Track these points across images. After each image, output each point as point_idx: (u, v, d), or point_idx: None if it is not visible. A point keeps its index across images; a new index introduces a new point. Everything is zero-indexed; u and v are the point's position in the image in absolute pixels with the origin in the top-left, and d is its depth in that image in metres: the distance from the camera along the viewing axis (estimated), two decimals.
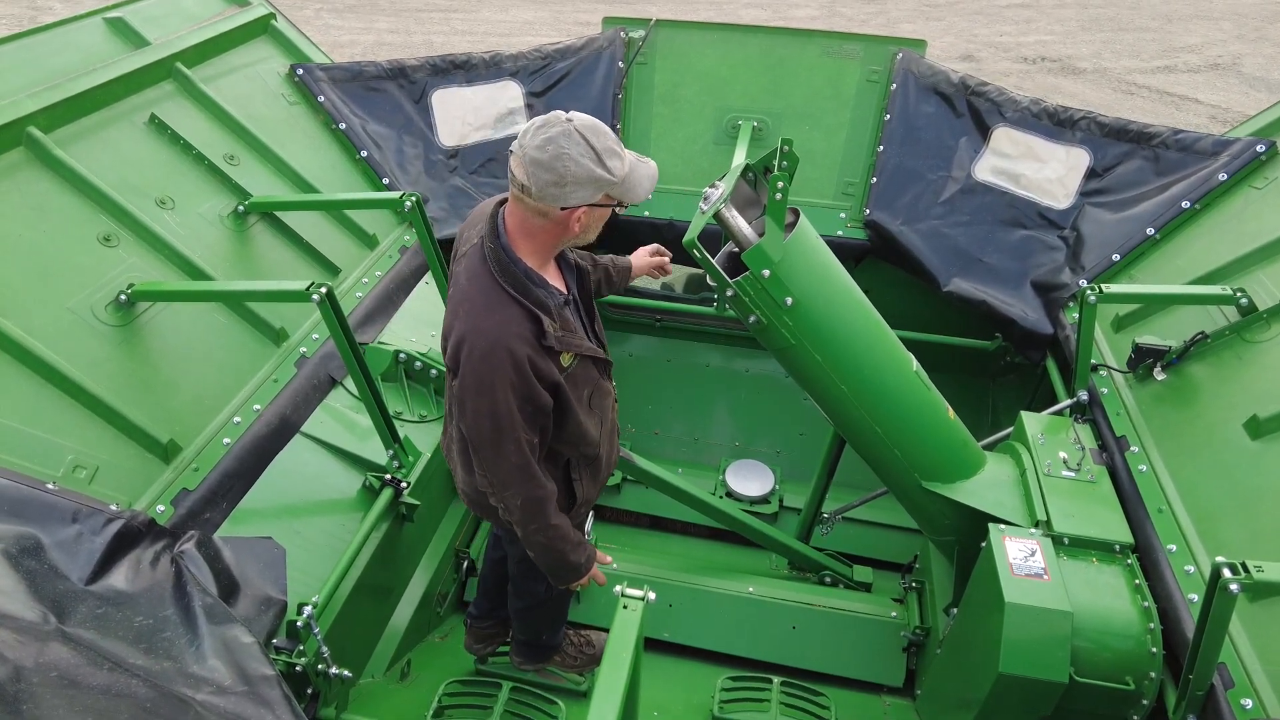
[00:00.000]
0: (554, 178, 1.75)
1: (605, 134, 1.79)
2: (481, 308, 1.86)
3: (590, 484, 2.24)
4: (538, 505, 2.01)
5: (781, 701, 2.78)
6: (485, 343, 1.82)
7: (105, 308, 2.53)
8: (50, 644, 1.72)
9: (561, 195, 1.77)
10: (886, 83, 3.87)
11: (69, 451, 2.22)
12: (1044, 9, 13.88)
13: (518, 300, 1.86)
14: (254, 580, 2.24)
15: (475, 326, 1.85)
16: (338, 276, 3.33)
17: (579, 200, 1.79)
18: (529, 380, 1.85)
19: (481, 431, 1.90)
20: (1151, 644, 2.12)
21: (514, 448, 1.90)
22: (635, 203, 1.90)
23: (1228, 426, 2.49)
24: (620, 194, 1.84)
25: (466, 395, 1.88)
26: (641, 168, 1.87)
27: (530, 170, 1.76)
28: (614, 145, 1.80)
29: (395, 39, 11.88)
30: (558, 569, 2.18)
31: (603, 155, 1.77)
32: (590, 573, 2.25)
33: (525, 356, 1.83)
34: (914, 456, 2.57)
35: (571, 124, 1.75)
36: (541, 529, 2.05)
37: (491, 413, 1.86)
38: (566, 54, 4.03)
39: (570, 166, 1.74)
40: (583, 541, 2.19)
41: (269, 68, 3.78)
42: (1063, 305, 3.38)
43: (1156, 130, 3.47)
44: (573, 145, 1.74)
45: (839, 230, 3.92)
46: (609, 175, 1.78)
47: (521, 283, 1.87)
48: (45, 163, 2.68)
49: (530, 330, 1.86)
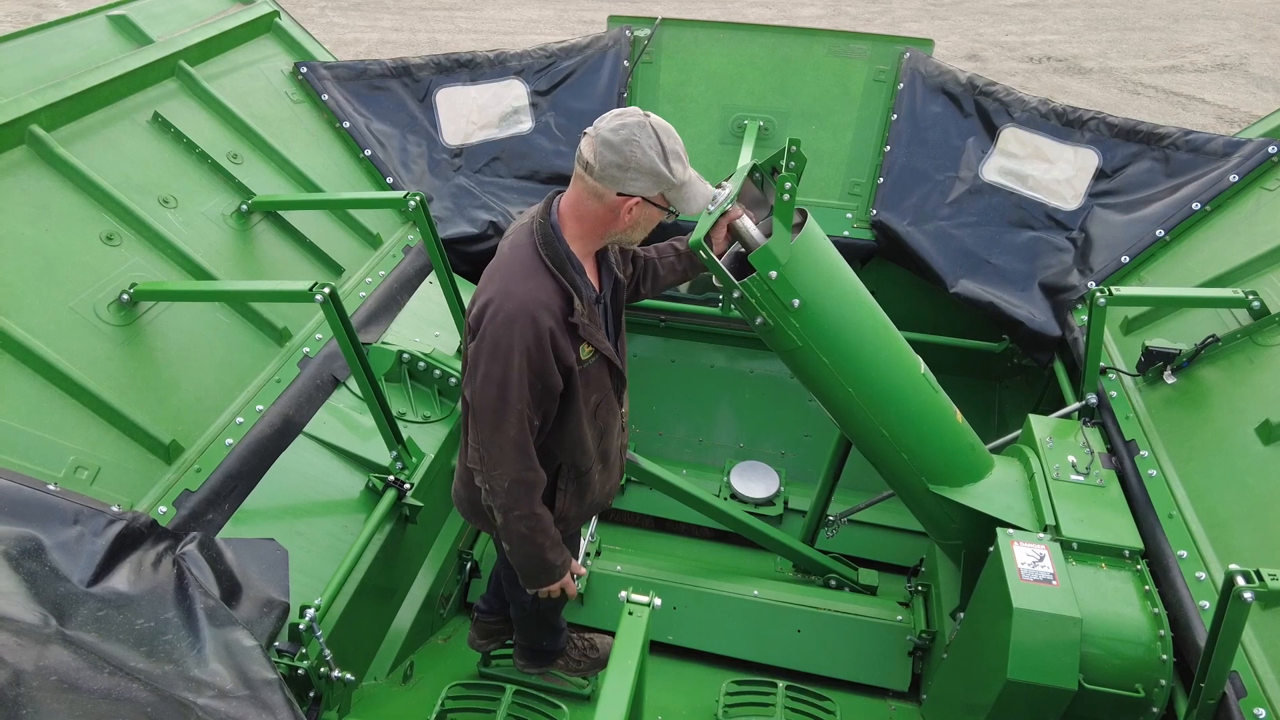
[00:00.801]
0: (619, 159, 1.80)
1: (677, 139, 1.86)
2: (518, 274, 1.87)
3: (574, 501, 2.19)
4: (525, 489, 1.98)
5: (786, 706, 2.77)
6: (513, 305, 1.83)
7: (107, 307, 2.52)
8: (51, 647, 1.70)
9: (622, 179, 1.82)
10: (893, 82, 3.85)
11: (70, 452, 2.21)
12: (1050, 8, 13.83)
13: (554, 274, 1.88)
14: (256, 582, 2.22)
15: (506, 290, 1.86)
16: (341, 276, 3.32)
17: (636, 190, 1.83)
18: (546, 354, 1.85)
19: (487, 398, 1.88)
20: (1162, 651, 2.10)
21: (515, 421, 1.89)
22: (686, 214, 1.94)
23: (1239, 431, 2.46)
24: (675, 199, 1.90)
25: (481, 357, 1.87)
26: (700, 185, 1.93)
27: (599, 149, 1.81)
28: (681, 152, 1.87)
29: (399, 37, 11.87)
30: (532, 566, 2.13)
31: (669, 156, 1.82)
32: (562, 580, 2.20)
33: (548, 328, 1.84)
34: (921, 460, 2.54)
35: (649, 120, 1.83)
36: (524, 516, 2.01)
37: (502, 379, 1.85)
38: (572, 52, 4.02)
39: (637, 154, 1.79)
40: (560, 542, 2.15)
41: (273, 66, 3.76)
42: (1071, 307, 3.35)
43: (1166, 131, 3.44)
44: (644, 136, 1.80)
45: (845, 231, 3.90)
46: (670, 174, 1.83)
47: (561, 260, 1.89)
48: (48, 161, 2.66)
49: (560, 305, 1.87)
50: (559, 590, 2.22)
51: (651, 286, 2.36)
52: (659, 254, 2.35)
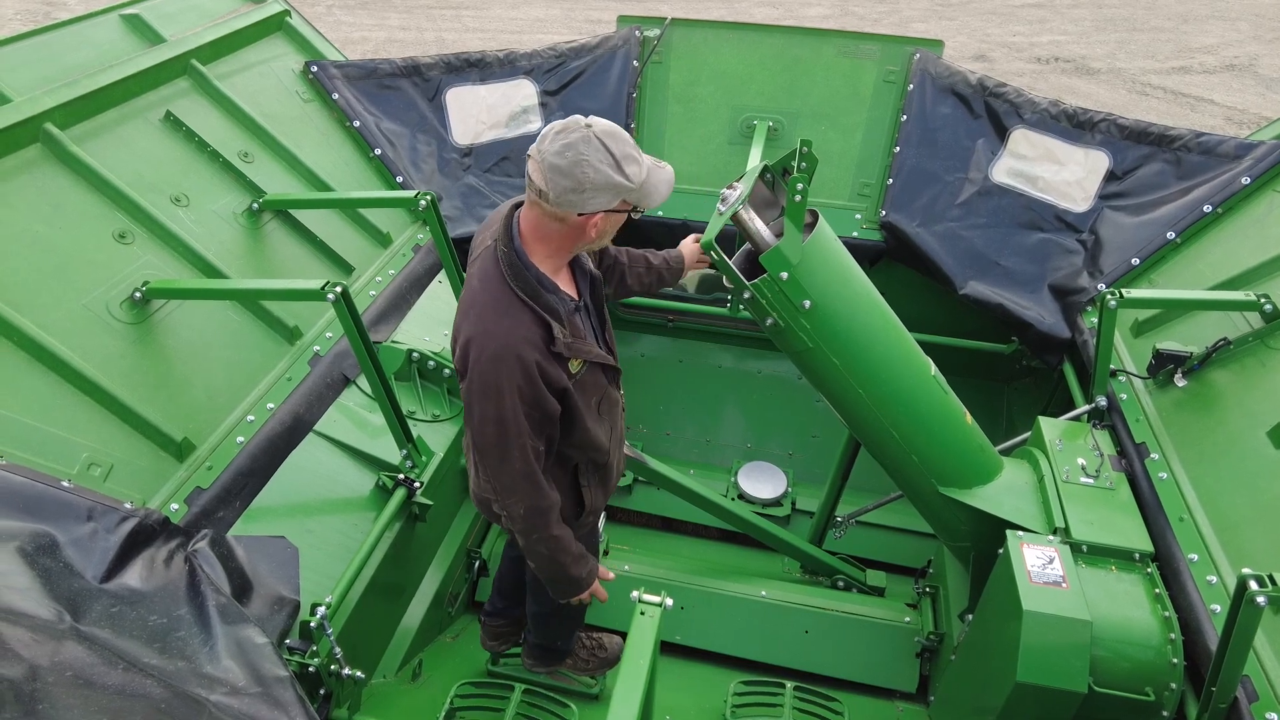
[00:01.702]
0: (572, 184, 1.73)
1: (624, 140, 1.78)
2: (491, 311, 1.84)
3: (599, 491, 2.22)
4: (540, 515, 2.00)
5: (794, 706, 2.77)
6: (494, 346, 1.81)
7: (120, 305, 2.53)
8: (65, 643, 1.72)
9: (580, 201, 1.75)
10: (903, 83, 3.85)
11: (84, 449, 2.22)
12: (1058, 9, 13.79)
13: (528, 305, 1.84)
14: (267, 580, 2.23)
15: (484, 330, 1.83)
16: (351, 275, 3.33)
17: (597, 206, 1.77)
18: (537, 386, 1.83)
19: (487, 437, 1.89)
20: (1172, 655, 2.09)
21: (519, 454, 1.89)
22: (652, 207, 1.88)
23: (1251, 435, 2.45)
24: (637, 199, 1.82)
25: (473, 399, 1.87)
26: (658, 173, 1.85)
27: (548, 176, 1.74)
28: (633, 151, 1.78)
29: (407, 35, 11.89)
30: (558, 581, 2.16)
31: (622, 162, 1.75)
32: (591, 588, 2.22)
33: (534, 362, 1.82)
34: (931, 461, 2.54)
35: (591, 130, 1.74)
36: (543, 539, 2.04)
37: (498, 418, 1.84)
38: (581, 52, 4.02)
39: (589, 173, 1.72)
40: (584, 555, 2.17)
41: (283, 65, 3.77)
42: (1081, 309, 3.35)
43: (1178, 133, 3.43)
44: (592, 151, 1.72)
45: (854, 231, 3.90)
46: (627, 182, 1.76)
47: (533, 287, 1.85)
48: (61, 159, 2.68)
49: (540, 336, 1.84)
50: (589, 597, 2.25)
51: (615, 290, 2.32)
52: (630, 260, 2.31)
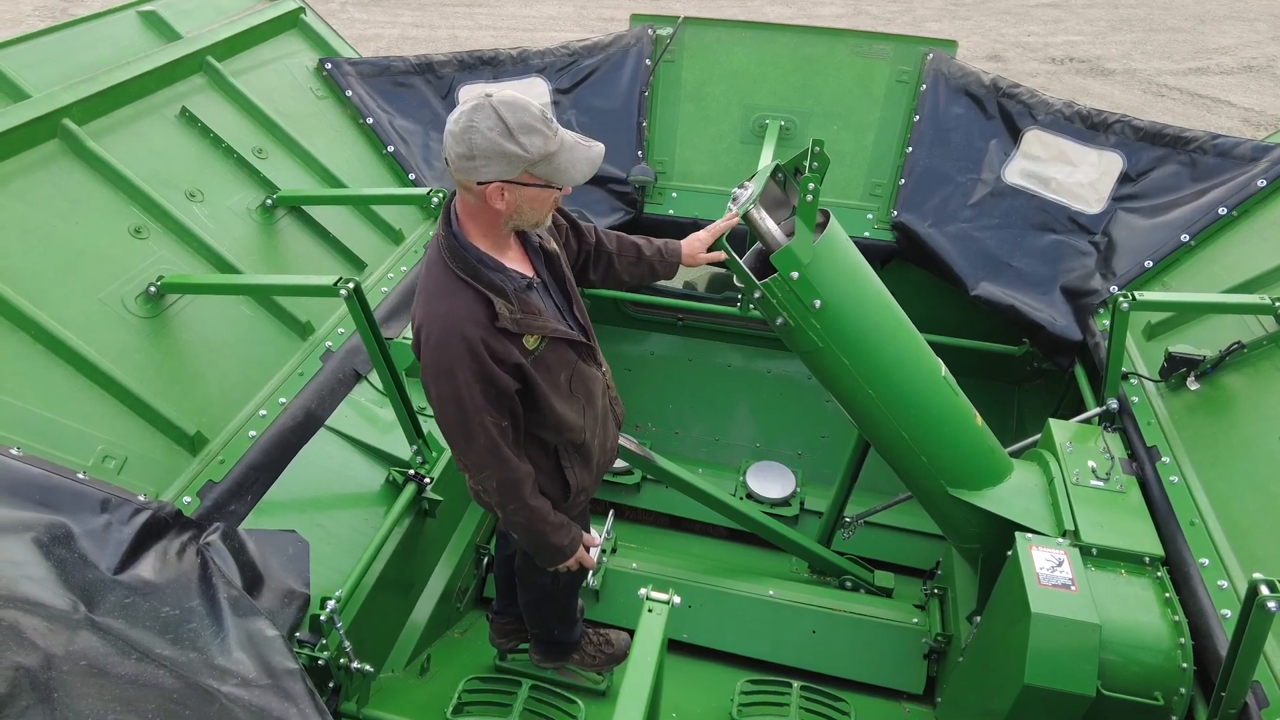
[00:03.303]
0: (464, 150, 1.72)
1: (526, 110, 1.73)
2: (434, 294, 1.87)
3: (583, 471, 2.20)
4: (512, 486, 2.01)
5: (801, 706, 2.77)
6: (439, 329, 1.84)
7: (135, 299, 2.55)
8: (80, 632, 1.74)
9: (472, 169, 1.74)
10: (916, 83, 3.83)
11: (99, 441, 2.24)
12: (1073, 9, 13.69)
13: (468, 284, 1.86)
14: (277, 573, 2.25)
15: (429, 313, 1.86)
16: (364, 271, 3.35)
17: (492, 175, 1.74)
18: (485, 363, 1.85)
19: (448, 417, 1.91)
20: (1182, 659, 2.08)
21: (481, 430, 1.91)
22: (570, 185, 1.83)
23: (1264, 439, 2.44)
24: (546, 174, 1.78)
25: (429, 383, 1.89)
26: (580, 150, 1.80)
27: (448, 144, 1.76)
28: (534, 122, 1.73)
29: (419, 33, 11.93)
30: (540, 549, 2.18)
31: (515, 130, 1.71)
32: (576, 555, 2.22)
33: (479, 339, 1.83)
34: (940, 462, 2.54)
35: (489, 99, 1.72)
36: (520, 509, 2.05)
37: (454, 398, 1.87)
38: (594, 51, 4.02)
39: (477, 140, 1.70)
40: (565, 524, 2.16)
41: (298, 62, 3.80)
42: (1093, 311, 3.33)
43: (1193, 134, 3.40)
44: (483, 119, 1.70)
45: (866, 231, 3.89)
46: (520, 151, 1.72)
47: (472, 266, 1.87)
48: (79, 155, 2.71)
49: (483, 313, 1.85)
50: (576, 564, 2.24)
51: (602, 277, 2.30)
52: (619, 248, 2.28)
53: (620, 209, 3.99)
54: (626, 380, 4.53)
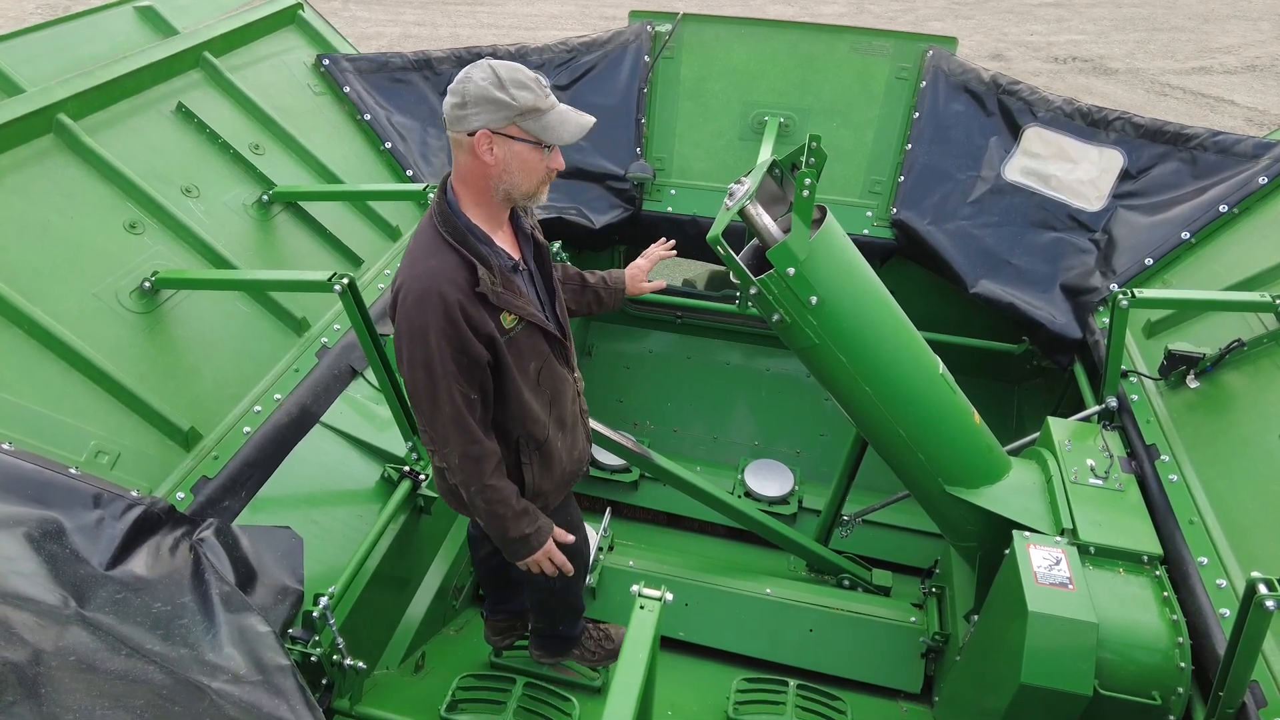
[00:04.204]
0: (456, 100, 1.78)
1: (521, 70, 1.80)
2: (420, 255, 1.87)
3: (543, 473, 2.14)
4: (474, 462, 1.97)
5: (797, 705, 2.76)
6: (419, 287, 1.83)
7: (130, 294, 2.54)
8: (70, 628, 1.73)
9: (463, 118, 1.78)
10: (916, 80, 3.82)
11: (91, 437, 2.24)
12: (1076, 8, 13.66)
13: (454, 247, 1.86)
14: (271, 569, 2.24)
15: (411, 273, 1.86)
16: (360, 267, 3.34)
17: (480, 123, 1.78)
18: (459, 327, 1.83)
19: (417, 381, 1.89)
20: (1180, 659, 2.07)
21: (448, 399, 1.89)
22: (557, 144, 1.85)
23: (1264, 437, 2.42)
24: (535, 130, 1.80)
25: (401, 342, 1.88)
26: (570, 114, 1.85)
27: (446, 103, 1.81)
28: (527, 80, 1.79)
29: (422, 31, 11.92)
30: (503, 539, 2.10)
31: (507, 83, 1.76)
32: (545, 549, 2.12)
33: (456, 301, 1.82)
34: (938, 460, 2.52)
35: (489, 60, 1.80)
36: (480, 490, 1.99)
37: (425, 361, 1.85)
38: (592, 47, 4.01)
39: (470, 88, 1.76)
40: (529, 511, 2.08)
41: (295, 58, 3.79)
42: (1092, 309, 3.31)
43: (1194, 132, 3.38)
44: (479, 71, 1.77)
45: (865, 229, 3.88)
46: (509, 99, 1.76)
47: (460, 232, 1.88)
48: (74, 150, 2.70)
49: (464, 277, 1.85)
50: (545, 560, 2.14)
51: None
52: (564, 276, 2.29)
53: (619, 206, 3.98)
54: (625, 378, 4.52)
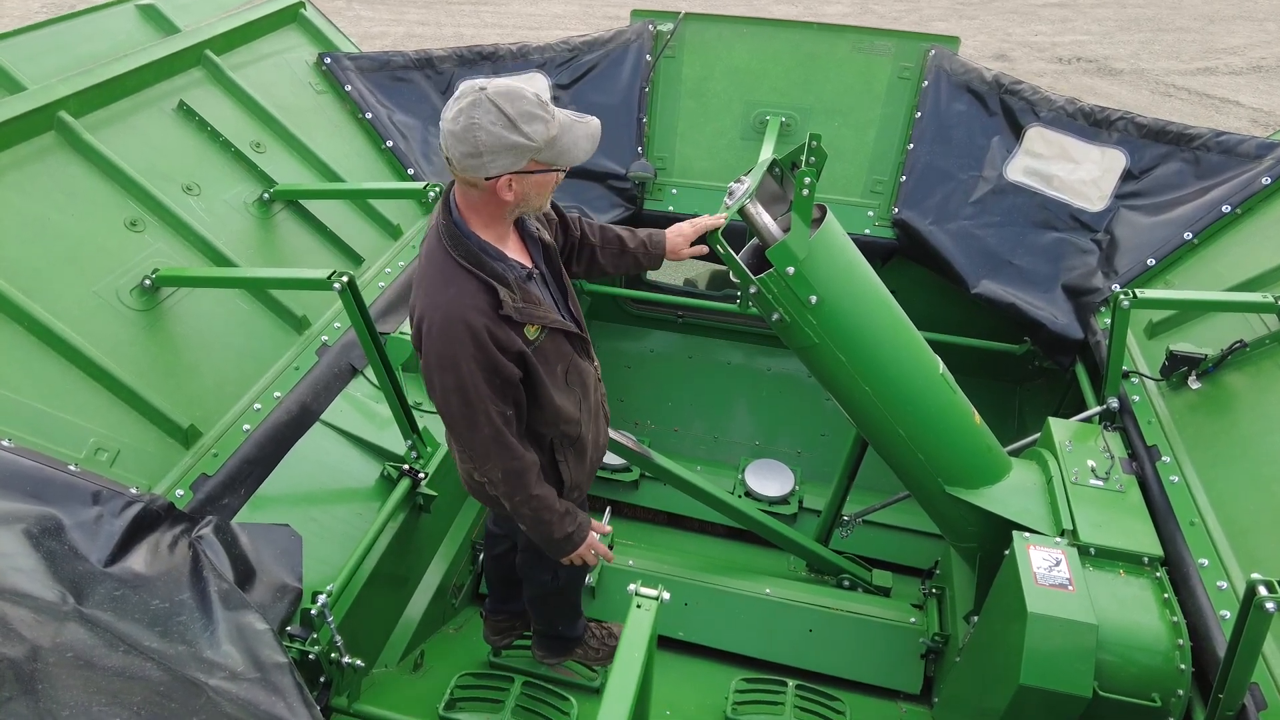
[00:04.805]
0: (469, 149, 1.70)
1: (523, 98, 1.72)
2: (437, 283, 1.85)
3: (577, 466, 2.18)
4: (518, 476, 1.99)
5: (796, 705, 2.75)
6: (441, 317, 1.81)
7: (130, 292, 2.55)
8: (68, 624, 1.73)
9: (480, 165, 1.72)
10: (918, 80, 3.81)
11: (91, 434, 2.24)
12: (1081, 8, 13.62)
13: (471, 272, 1.84)
14: (270, 567, 2.24)
15: (431, 302, 1.84)
16: (361, 266, 3.34)
17: (500, 169, 1.73)
18: (489, 351, 1.83)
19: (451, 407, 1.89)
20: (1180, 660, 2.06)
21: (485, 420, 1.88)
22: (573, 164, 1.82)
23: (1266, 439, 2.41)
24: (550, 158, 1.77)
25: (431, 373, 1.87)
26: (579, 128, 1.79)
27: (448, 143, 1.73)
28: (534, 109, 1.72)
29: (425, 31, 11.93)
30: (549, 540, 2.15)
31: (518, 120, 1.69)
32: (588, 542, 2.18)
33: (483, 327, 1.81)
34: (938, 461, 2.52)
35: (484, 92, 1.70)
36: (526, 500, 2.03)
37: (459, 387, 1.84)
38: (594, 46, 4.01)
39: (482, 136, 1.69)
40: (570, 511, 2.13)
41: (297, 56, 3.79)
42: (1094, 310, 3.30)
43: (1197, 132, 3.37)
44: (483, 114, 1.68)
45: (866, 229, 3.87)
46: (527, 141, 1.71)
47: (475, 255, 1.85)
48: (75, 147, 2.70)
49: (486, 301, 1.84)
50: (589, 552, 2.19)
51: (585, 269, 2.28)
52: (603, 240, 2.25)
53: (620, 205, 3.97)
54: (626, 377, 4.52)
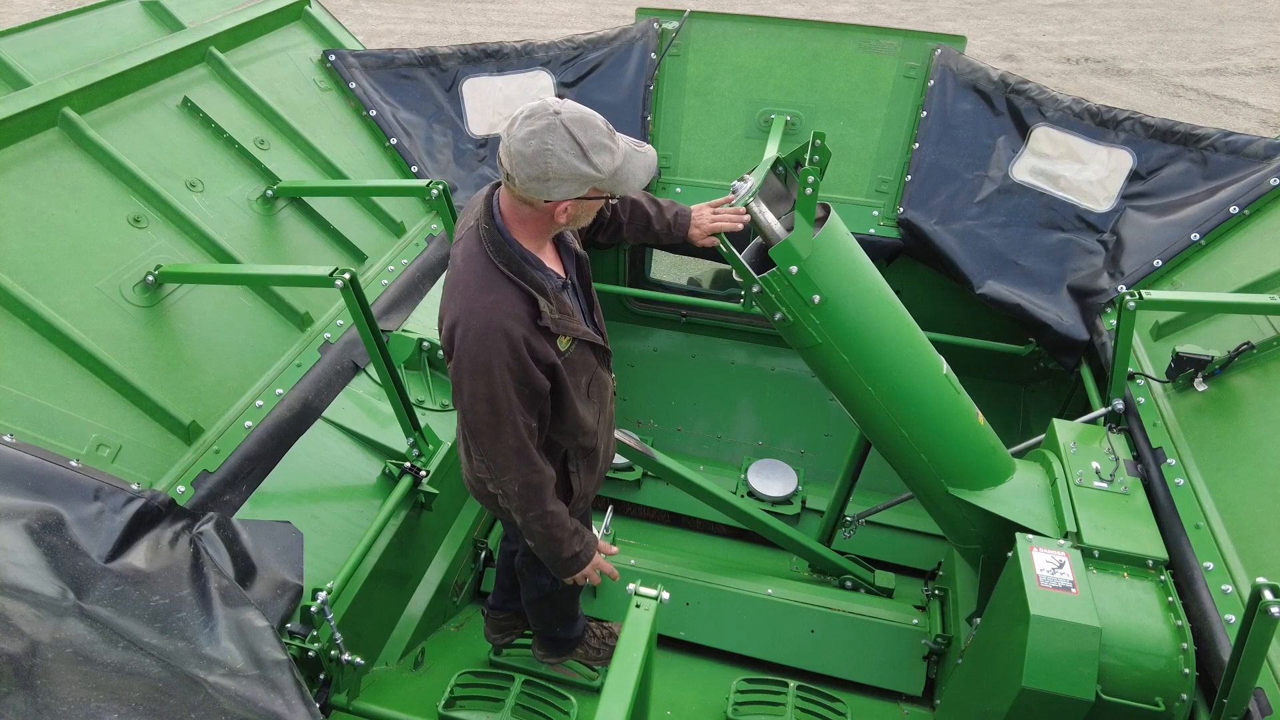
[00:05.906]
0: (537, 173, 1.69)
1: (595, 127, 1.71)
2: (476, 288, 1.82)
3: (588, 476, 2.19)
4: (535, 490, 1.98)
5: (797, 706, 2.74)
6: (480, 323, 1.79)
7: (133, 288, 2.55)
8: (67, 620, 1.74)
9: (544, 190, 1.72)
10: (924, 79, 3.79)
11: (93, 430, 2.24)
12: (1089, 8, 13.57)
13: (513, 280, 1.82)
14: (270, 564, 2.24)
15: (469, 307, 1.82)
16: (364, 263, 3.34)
17: (563, 195, 1.74)
18: (525, 362, 1.82)
19: (479, 415, 1.87)
20: (1184, 664, 2.04)
21: (511, 431, 1.87)
22: (628, 194, 1.83)
23: (1272, 442, 2.39)
24: (609, 187, 1.77)
25: (463, 378, 1.85)
26: (637, 158, 1.79)
27: (515, 162, 1.70)
28: (603, 139, 1.72)
29: (432, 29, 11.94)
30: (556, 559, 2.14)
31: (589, 151, 1.69)
32: (594, 562, 2.18)
33: (521, 337, 1.80)
34: (941, 462, 2.50)
35: (559, 117, 1.68)
36: (539, 516, 2.02)
37: (489, 395, 1.83)
38: (599, 44, 4.00)
39: (553, 163, 1.68)
40: (580, 530, 2.13)
41: (301, 53, 3.79)
42: (1100, 311, 3.28)
43: (1205, 132, 3.35)
44: (557, 141, 1.67)
45: (871, 228, 3.85)
46: (595, 172, 1.71)
47: (517, 263, 1.83)
48: (79, 143, 2.71)
49: (526, 311, 1.82)
50: (594, 571, 2.19)
51: (608, 239, 2.27)
52: (631, 217, 2.24)
53: None
54: (629, 376, 4.51)
